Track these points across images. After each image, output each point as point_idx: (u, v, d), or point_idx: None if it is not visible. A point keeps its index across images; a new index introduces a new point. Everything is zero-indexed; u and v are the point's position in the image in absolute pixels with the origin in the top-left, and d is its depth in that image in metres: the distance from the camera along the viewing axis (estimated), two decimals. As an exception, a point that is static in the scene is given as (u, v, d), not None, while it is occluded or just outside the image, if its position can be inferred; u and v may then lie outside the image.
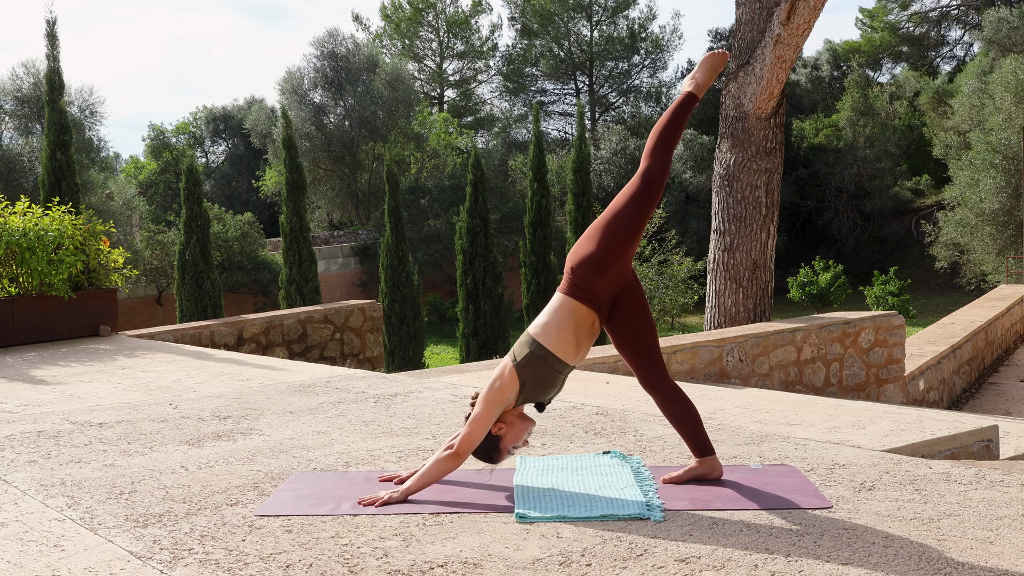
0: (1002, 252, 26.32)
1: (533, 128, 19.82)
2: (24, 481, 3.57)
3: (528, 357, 3.08)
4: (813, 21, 9.13)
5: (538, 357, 3.07)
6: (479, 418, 3.05)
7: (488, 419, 3.06)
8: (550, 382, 3.12)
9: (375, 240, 33.13)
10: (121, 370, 6.78)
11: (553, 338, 3.08)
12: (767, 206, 9.66)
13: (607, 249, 3.09)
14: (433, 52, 48.06)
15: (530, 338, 3.11)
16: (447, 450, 3.08)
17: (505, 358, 3.15)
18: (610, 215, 3.16)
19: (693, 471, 3.22)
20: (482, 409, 3.06)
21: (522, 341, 3.13)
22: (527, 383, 3.08)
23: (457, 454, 3.05)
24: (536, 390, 3.11)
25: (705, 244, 25.52)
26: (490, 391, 3.07)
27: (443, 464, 3.07)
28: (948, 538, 2.62)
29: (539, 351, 3.07)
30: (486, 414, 3.05)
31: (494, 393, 3.06)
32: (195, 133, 50.30)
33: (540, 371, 3.08)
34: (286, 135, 19.73)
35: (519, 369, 3.07)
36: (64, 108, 14.57)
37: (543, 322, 3.12)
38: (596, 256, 3.09)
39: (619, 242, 3.09)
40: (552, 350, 3.07)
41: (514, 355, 3.11)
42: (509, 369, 3.09)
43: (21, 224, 8.63)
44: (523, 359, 3.08)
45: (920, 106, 37.76)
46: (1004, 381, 12.64)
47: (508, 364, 3.10)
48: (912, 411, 4.73)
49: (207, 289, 17.36)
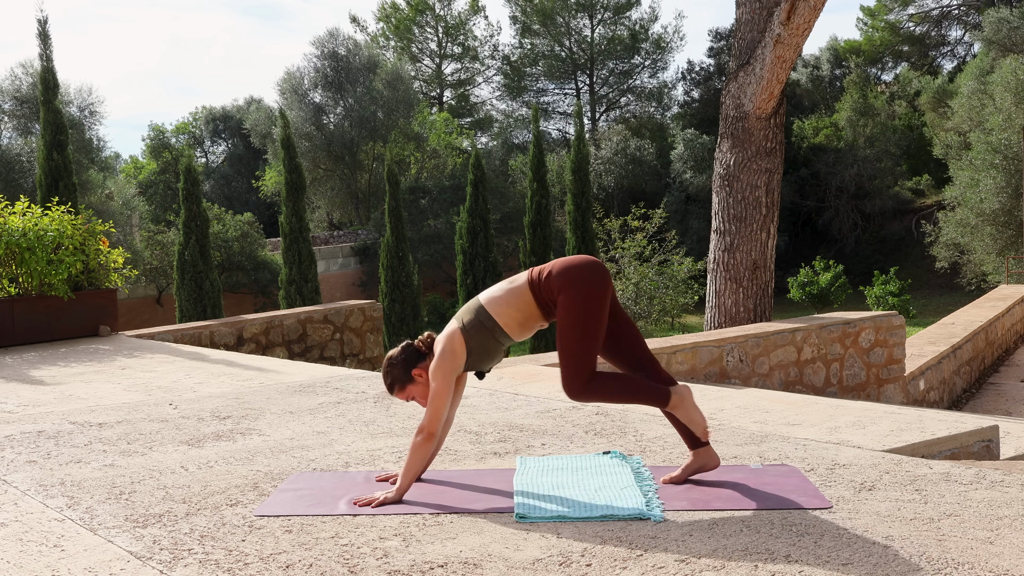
0: (1002, 252, 26.32)
1: (533, 128, 19.82)
2: (24, 481, 3.57)
3: (476, 325, 3.14)
4: (813, 21, 9.12)
5: (486, 327, 3.14)
6: (438, 392, 3.10)
7: (446, 389, 3.10)
8: (492, 352, 3.19)
9: (375, 240, 33.13)
10: (121, 370, 6.78)
11: (503, 313, 3.14)
12: (767, 206, 9.66)
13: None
14: (432, 53, 48.07)
15: (480, 307, 3.16)
16: (418, 435, 3.10)
17: (451, 324, 3.20)
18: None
19: (690, 467, 3.23)
20: (439, 381, 3.11)
21: (470, 308, 3.18)
22: (473, 351, 3.15)
23: (429, 435, 3.08)
24: (480, 358, 3.19)
25: (705, 244, 25.52)
26: (442, 360, 3.12)
27: (421, 449, 3.08)
28: (948, 538, 2.62)
29: (487, 321, 3.14)
30: (443, 384, 3.10)
31: (447, 362, 3.12)
32: (195, 133, 50.30)
33: (485, 340, 3.15)
34: (285, 135, 19.73)
35: (466, 336, 3.14)
36: (60, 108, 14.54)
37: (496, 296, 3.17)
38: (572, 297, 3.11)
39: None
40: (500, 323, 3.14)
41: (461, 321, 3.17)
42: (458, 336, 3.15)
43: (21, 224, 8.63)
44: (470, 326, 3.14)
45: (920, 106, 37.75)
46: (1004, 381, 12.64)
47: (455, 330, 3.15)
48: (912, 411, 4.72)
49: (207, 289, 17.36)
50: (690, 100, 43.47)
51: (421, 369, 3.22)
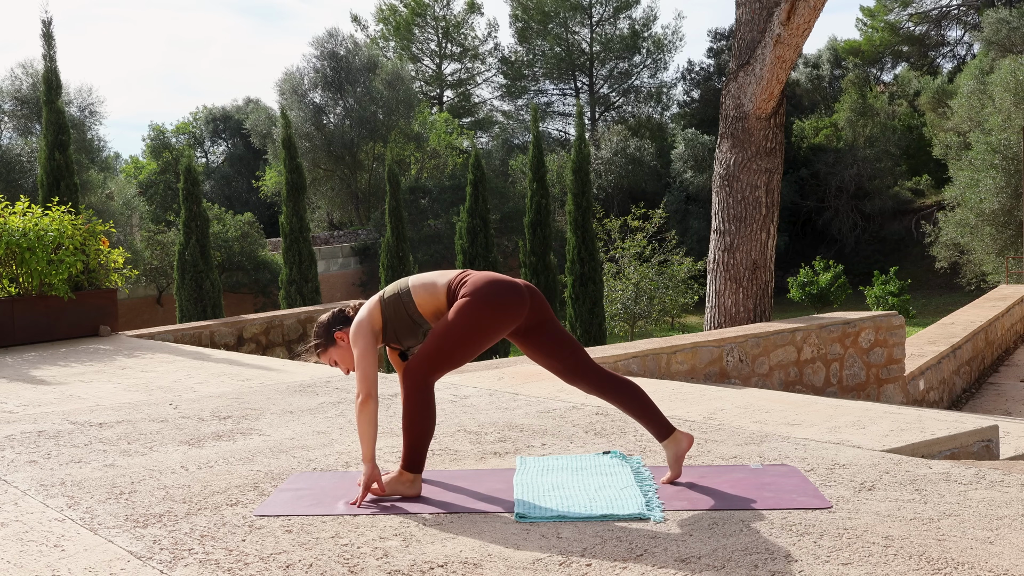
0: (1002, 252, 26.32)
1: (533, 128, 19.82)
2: (24, 481, 3.57)
3: (395, 299, 3.26)
4: (813, 21, 9.12)
5: (403, 303, 3.24)
6: (361, 353, 3.18)
7: (368, 352, 3.19)
8: (409, 330, 3.28)
9: (375, 240, 33.13)
10: (121, 370, 6.78)
11: (419, 296, 3.24)
12: (767, 206, 9.66)
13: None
14: (432, 53, 48.07)
15: (406, 286, 3.27)
16: (357, 400, 3.15)
17: (376, 295, 3.33)
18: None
19: (669, 459, 3.26)
20: (359, 345, 3.20)
21: (397, 283, 3.31)
22: (389, 321, 3.25)
23: (367, 396, 3.12)
24: (397, 332, 3.27)
25: (705, 244, 25.53)
26: (358, 325, 3.24)
27: (362, 412, 3.13)
28: (948, 538, 2.62)
29: (406, 298, 3.25)
30: (364, 347, 3.19)
31: (363, 326, 3.23)
32: (195, 133, 50.29)
33: (400, 316, 3.25)
34: (286, 135, 19.72)
35: (383, 305, 3.26)
36: (62, 108, 14.54)
37: (421, 282, 3.27)
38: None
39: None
40: (417, 305, 3.24)
41: (383, 293, 3.29)
42: (375, 304, 3.28)
43: (21, 224, 8.63)
44: (390, 298, 3.26)
45: (920, 106, 37.76)
46: (1004, 381, 12.64)
47: (376, 300, 3.29)
48: (912, 411, 4.72)
49: (207, 289, 17.35)
50: (690, 100, 43.50)
51: (344, 333, 3.33)
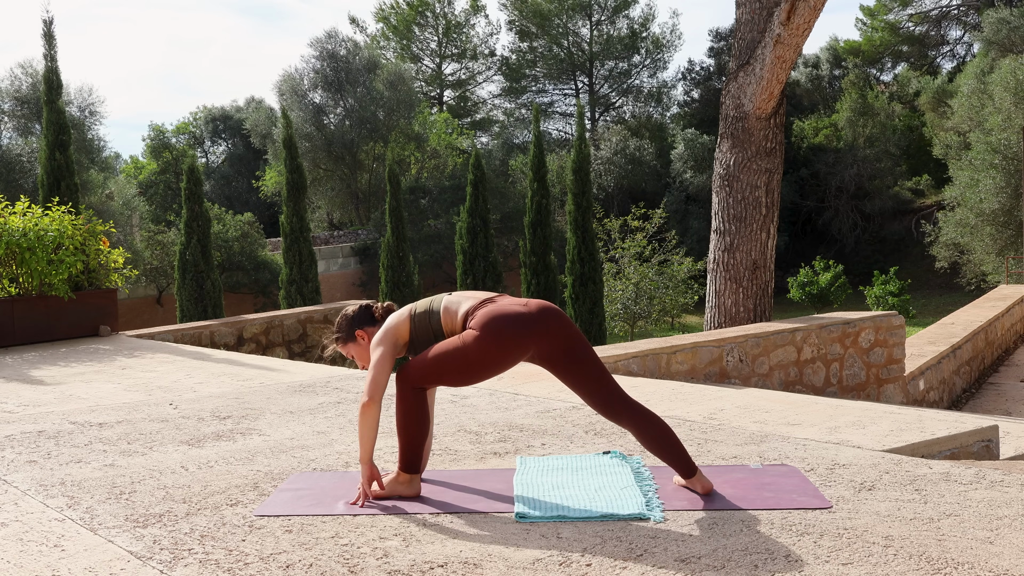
0: (1002, 252, 26.31)
1: (533, 128, 19.82)
2: (24, 481, 3.57)
3: (426, 315, 3.21)
4: (813, 21, 9.13)
5: (431, 325, 3.20)
6: (377, 362, 3.15)
7: (384, 361, 3.15)
8: (430, 346, 3.25)
9: (375, 240, 33.12)
10: (121, 370, 6.78)
11: (445, 320, 3.20)
12: (767, 206, 9.66)
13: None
14: (432, 53, 48.06)
15: (438, 306, 3.23)
16: (361, 402, 3.13)
17: (408, 306, 3.28)
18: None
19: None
20: (378, 353, 3.17)
21: (429, 301, 3.26)
22: (415, 339, 3.22)
23: (370, 400, 3.09)
24: (420, 348, 3.24)
25: (705, 244, 25.53)
26: (384, 335, 3.20)
27: (364, 415, 3.10)
28: (948, 538, 2.62)
29: (434, 318, 3.20)
30: (382, 356, 3.16)
31: (388, 338, 3.20)
32: (195, 133, 50.27)
33: (426, 334, 3.20)
34: (286, 135, 19.71)
35: (412, 323, 3.22)
36: (63, 108, 14.54)
37: (450, 306, 3.22)
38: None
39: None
40: (443, 326, 3.20)
41: (414, 308, 3.25)
42: (406, 320, 3.23)
43: (21, 224, 8.63)
44: (421, 315, 3.22)
45: (920, 106, 37.75)
46: (1004, 381, 12.64)
47: (407, 315, 3.24)
48: (912, 411, 4.72)
49: (207, 289, 17.35)
50: (690, 100, 43.48)
51: (366, 332, 3.32)
